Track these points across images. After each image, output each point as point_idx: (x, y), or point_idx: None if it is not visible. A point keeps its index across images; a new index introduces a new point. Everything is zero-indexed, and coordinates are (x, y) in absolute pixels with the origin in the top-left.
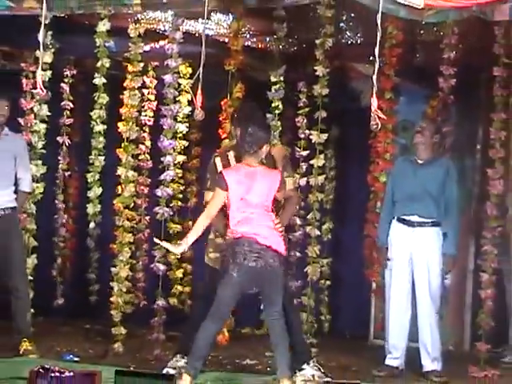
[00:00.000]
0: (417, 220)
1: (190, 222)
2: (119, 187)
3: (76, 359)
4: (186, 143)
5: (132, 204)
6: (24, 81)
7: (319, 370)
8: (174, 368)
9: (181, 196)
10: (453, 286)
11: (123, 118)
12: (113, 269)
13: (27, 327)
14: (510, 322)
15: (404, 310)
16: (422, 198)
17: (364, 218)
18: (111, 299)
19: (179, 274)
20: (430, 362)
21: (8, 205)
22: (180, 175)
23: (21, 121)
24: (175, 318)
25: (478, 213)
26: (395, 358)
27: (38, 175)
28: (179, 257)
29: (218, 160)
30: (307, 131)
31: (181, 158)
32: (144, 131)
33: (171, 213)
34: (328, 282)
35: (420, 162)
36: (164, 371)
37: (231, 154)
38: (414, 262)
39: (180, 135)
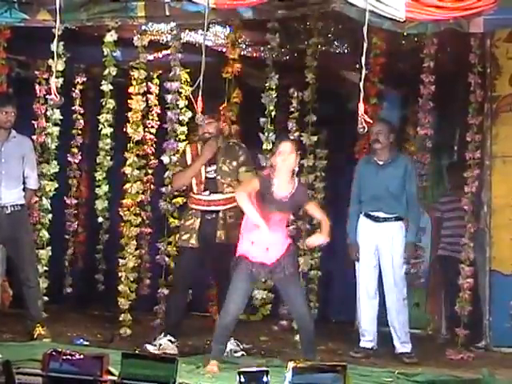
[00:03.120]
0: (382, 216)
1: None
2: (128, 185)
3: (86, 343)
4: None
5: (138, 200)
6: (37, 87)
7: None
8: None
9: (184, 193)
10: (431, 277)
11: (130, 121)
12: (121, 260)
13: (39, 313)
14: (483, 310)
15: (372, 297)
16: (385, 197)
17: None
18: (119, 288)
19: None
20: (400, 345)
21: (17, 202)
22: None
23: (35, 124)
24: None
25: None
26: (368, 340)
27: (50, 174)
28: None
29: (188, 148)
30: (298, 133)
31: None
32: (151, 133)
33: (172, 208)
34: (318, 273)
35: (380, 163)
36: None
37: (200, 144)
38: (380, 253)
39: (183, 137)
